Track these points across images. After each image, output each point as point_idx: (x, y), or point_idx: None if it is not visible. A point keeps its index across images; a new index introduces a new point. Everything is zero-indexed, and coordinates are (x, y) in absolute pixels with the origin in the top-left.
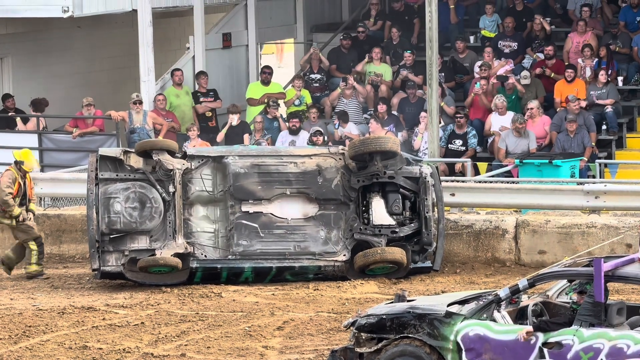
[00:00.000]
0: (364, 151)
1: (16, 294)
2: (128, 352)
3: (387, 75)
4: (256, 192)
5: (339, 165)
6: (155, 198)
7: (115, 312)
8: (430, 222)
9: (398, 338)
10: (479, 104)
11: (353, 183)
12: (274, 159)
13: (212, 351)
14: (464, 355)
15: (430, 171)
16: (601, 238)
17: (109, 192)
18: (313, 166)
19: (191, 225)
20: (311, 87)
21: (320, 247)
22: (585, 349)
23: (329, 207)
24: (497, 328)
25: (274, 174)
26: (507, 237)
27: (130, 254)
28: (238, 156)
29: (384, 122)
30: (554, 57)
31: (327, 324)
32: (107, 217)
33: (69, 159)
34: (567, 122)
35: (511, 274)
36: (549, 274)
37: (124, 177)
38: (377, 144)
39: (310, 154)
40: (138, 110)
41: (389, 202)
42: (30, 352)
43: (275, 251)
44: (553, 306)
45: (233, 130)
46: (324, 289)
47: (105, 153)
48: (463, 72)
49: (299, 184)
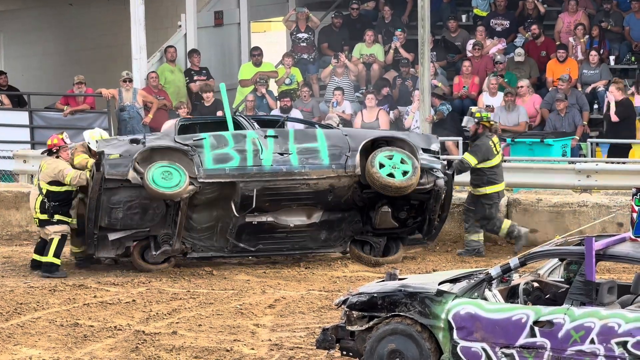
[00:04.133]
0: (380, 193)
1: (7, 272)
2: (119, 329)
3: (380, 55)
4: (263, 207)
5: (352, 182)
6: (158, 205)
7: (107, 290)
8: (433, 222)
9: (389, 316)
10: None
11: (363, 195)
12: (287, 182)
13: (204, 329)
14: (455, 333)
15: (445, 180)
16: (592, 217)
17: (113, 201)
18: (326, 186)
19: (192, 225)
20: (298, 46)
21: (318, 244)
22: (576, 327)
23: (335, 214)
24: (488, 307)
25: (284, 194)
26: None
27: (126, 244)
28: (250, 181)
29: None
30: (540, 35)
31: (319, 302)
32: (108, 220)
33: None
34: (557, 101)
35: (502, 252)
36: (540, 252)
37: (128, 186)
38: (397, 192)
39: (325, 176)
40: (128, 88)
41: (397, 208)
42: (22, 329)
43: (272, 248)
44: (544, 285)
45: (207, 109)
46: (315, 268)
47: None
48: (455, 51)
49: (309, 200)
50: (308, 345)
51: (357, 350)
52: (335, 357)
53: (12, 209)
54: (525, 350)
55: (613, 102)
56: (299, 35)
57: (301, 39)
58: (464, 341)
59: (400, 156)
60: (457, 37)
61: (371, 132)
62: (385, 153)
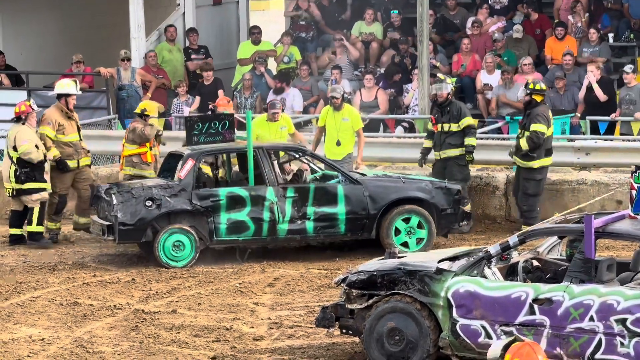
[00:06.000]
0: None
1: (7, 251)
2: (119, 308)
3: (379, 34)
4: None
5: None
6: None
7: (106, 269)
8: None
9: (389, 294)
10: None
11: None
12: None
13: (203, 307)
14: (455, 311)
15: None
16: (591, 195)
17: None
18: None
19: None
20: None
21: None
22: (575, 305)
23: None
24: (487, 284)
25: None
26: (498, 194)
27: None
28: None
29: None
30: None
31: (318, 281)
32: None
33: None
34: (556, 79)
35: (501, 230)
36: (540, 230)
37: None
38: None
39: (339, 240)
40: (126, 68)
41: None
42: (21, 308)
43: None
44: (544, 262)
45: (207, 87)
46: (314, 245)
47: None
48: (453, 29)
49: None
50: (307, 323)
51: (357, 328)
52: (335, 335)
53: None
54: (525, 328)
55: (595, 82)
56: (297, 14)
57: (300, 17)
58: (464, 319)
59: (418, 219)
60: (456, 15)
61: (394, 188)
62: (403, 215)
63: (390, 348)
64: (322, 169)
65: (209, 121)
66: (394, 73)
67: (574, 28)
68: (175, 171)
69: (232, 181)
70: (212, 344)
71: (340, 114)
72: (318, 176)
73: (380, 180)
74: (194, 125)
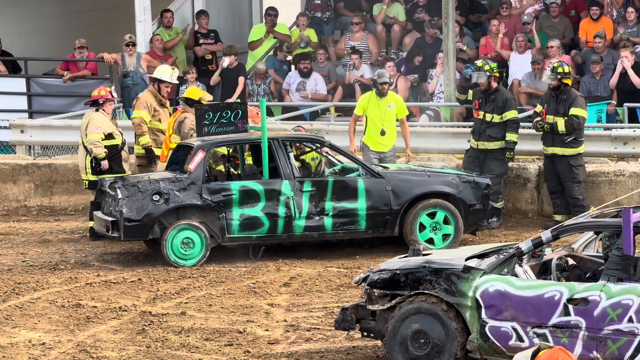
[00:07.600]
0: None
1: (5, 249)
2: (124, 310)
3: (401, 15)
4: None
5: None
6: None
7: (111, 268)
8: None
9: (413, 294)
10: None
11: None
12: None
13: (214, 309)
14: (484, 312)
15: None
16: (630, 187)
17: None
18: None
19: None
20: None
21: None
22: (613, 305)
23: None
24: (518, 283)
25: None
26: (529, 187)
27: None
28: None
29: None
30: None
31: (337, 280)
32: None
33: (59, 104)
34: (592, 63)
35: (533, 225)
36: (574, 225)
37: None
38: None
39: (360, 237)
40: (131, 53)
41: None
42: (20, 310)
43: None
44: (579, 260)
45: (229, 72)
46: (333, 243)
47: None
48: (481, 10)
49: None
50: (326, 326)
51: (379, 330)
52: (356, 339)
53: (9, 182)
54: (559, 330)
55: (629, 67)
56: None
57: None
58: (493, 320)
59: (444, 214)
60: None
61: (419, 182)
62: (428, 210)
63: (414, 352)
64: (341, 162)
65: (221, 110)
66: (415, 55)
67: (609, 8)
68: (185, 164)
69: (245, 174)
70: (224, 348)
71: (385, 101)
72: (337, 169)
73: (403, 174)
74: (205, 114)
